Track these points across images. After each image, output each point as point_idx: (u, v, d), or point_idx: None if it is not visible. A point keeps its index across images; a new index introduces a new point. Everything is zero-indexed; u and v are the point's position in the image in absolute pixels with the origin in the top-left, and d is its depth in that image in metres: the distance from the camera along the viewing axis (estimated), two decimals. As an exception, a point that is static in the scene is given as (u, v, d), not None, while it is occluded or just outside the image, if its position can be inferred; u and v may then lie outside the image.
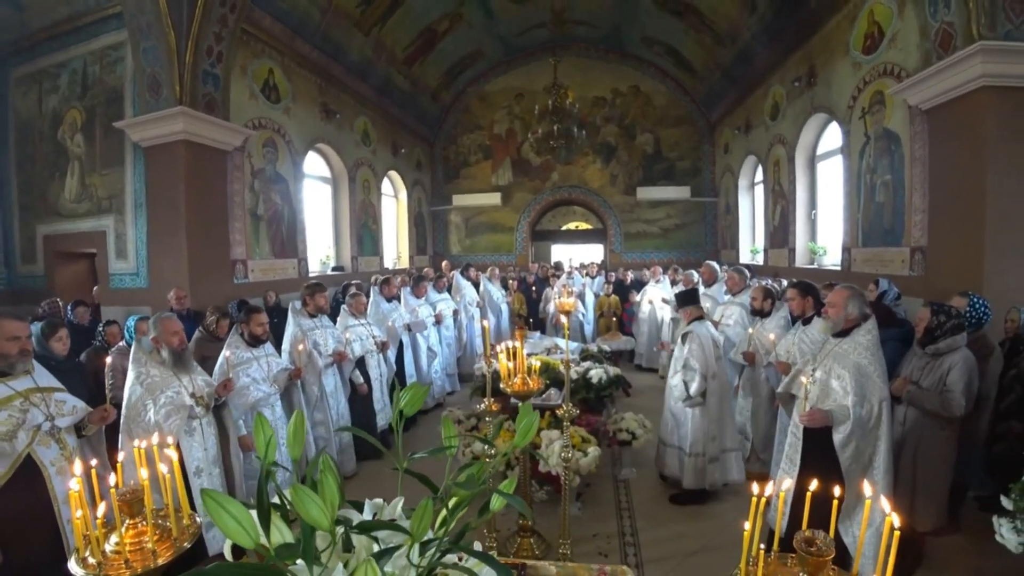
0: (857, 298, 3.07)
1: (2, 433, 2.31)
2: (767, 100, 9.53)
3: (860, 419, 2.82)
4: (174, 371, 3.28)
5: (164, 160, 6.32)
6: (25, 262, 8.00)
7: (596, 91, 13.31)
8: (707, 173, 13.22)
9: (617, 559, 3.71)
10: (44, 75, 7.48)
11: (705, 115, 12.99)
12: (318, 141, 9.15)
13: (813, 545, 1.32)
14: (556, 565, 1.97)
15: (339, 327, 5.44)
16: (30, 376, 2.52)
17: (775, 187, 9.43)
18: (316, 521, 0.85)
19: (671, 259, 12.66)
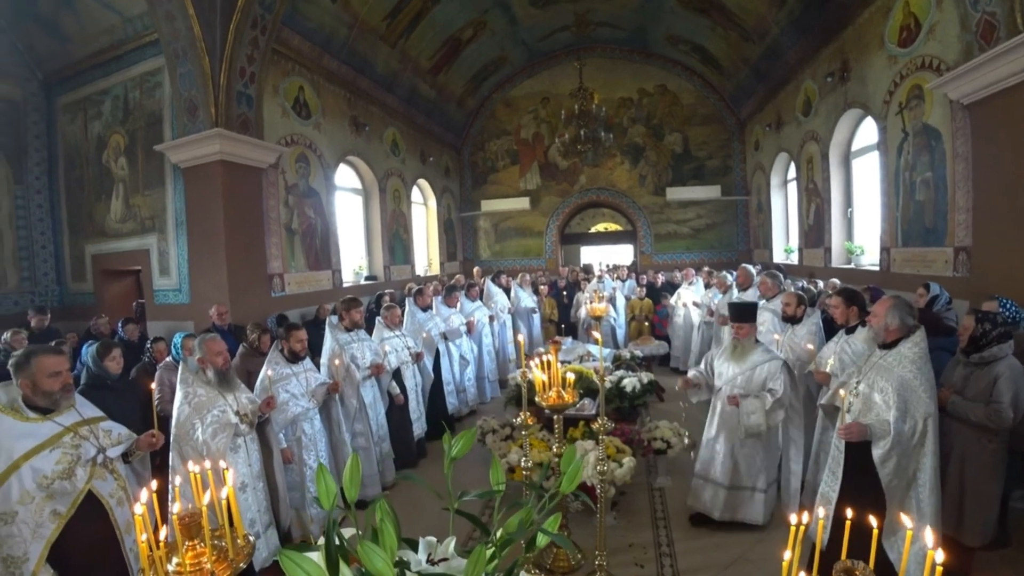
0: (899, 309, 2.94)
1: (60, 472, 2.32)
2: (798, 96, 9.27)
3: (901, 435, 2.73)
4: (219, 390, 3.37)
5: (202, 180, 6.56)
6: (75, 280, 8.43)
7: (622, 92, 13.20)
8: (737, 171, 12.95)
9: (653, 570, 3.68)
10: (88, 102, 7.87)
11: (734, 112, 12.74)
12: (348, 154, 9.34)
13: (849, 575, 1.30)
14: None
15: (375, 339, 5.53)
16: (74, 409, 2.50)
17: (809, 185, 9.17)
18: (381, 572, 0.89)
19: (703, 259, 12.47)
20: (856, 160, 8.11)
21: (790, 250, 10.51)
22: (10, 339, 5.30)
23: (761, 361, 3.79)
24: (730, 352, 3.94)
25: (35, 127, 8.24)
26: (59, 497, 2.32)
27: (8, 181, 7.90)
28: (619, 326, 9.84)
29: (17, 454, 2.26)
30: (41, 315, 6.59)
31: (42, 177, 8.33)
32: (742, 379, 3.79)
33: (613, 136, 11.41)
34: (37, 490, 2.27)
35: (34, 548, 2.24)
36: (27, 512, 2.24)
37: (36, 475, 2.27)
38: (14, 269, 8.00)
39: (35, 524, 2.25)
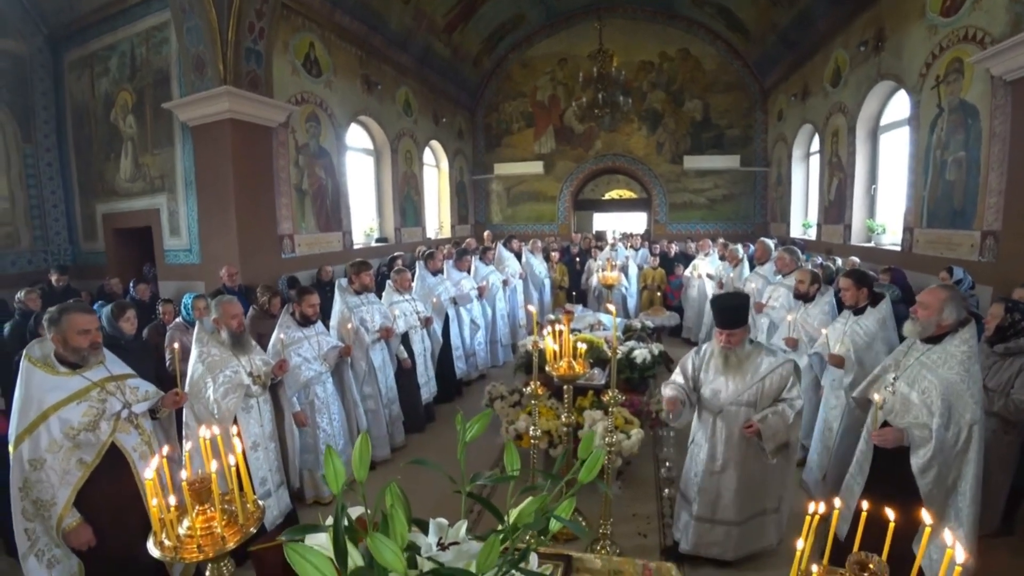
0: (956, 301, 2.63)
1: (86, 424, 2.41)
2: (828, 65, 8.86)
3: (944, 443, 2.47)
4: (233, 351, 3.40)
5: (211, 139, 6.46)
6: (87, 239, 8.46)
7: (643, 55, 12.71)
8: (758, 142, 12.54)
9: (656, 540, 3.72)
10: (95, 58, 7.69)
11: (758, 80, 12.25)
12: (360, 113, 9.16)
13: (866, 570, 1.26)
14: (602, 558, 1.99)
15: (384, 303, 5.52)
16: (103, 365, 2.59)
17: (832, 159, 8.88)
18: (392, 566, 0.86)
19: (717, 231, 12.26)
20: (884, 135, 7.82)
21: (808, 225, 10.28)
22: (24, 298, 5.34)
23: (769, 368, 3.02)
24: (722, 364, 3.11)
25: (42, 84, 8.11)
26: (84, 447, 2.42)
27: (17, 139, 7.83)
28: (631, 295, 9.77)
29: (47, 405, 2.36)
30: (61, 274, 6.63)
31: (51, 135, 8.25)
32: (750, 394, 3.02)
33: (631, 101, 11.06)
34: (64, 439, 2.37)
35: (61, 493, 2.35)
36: (55, 460, 2.35)
37: (63, 425, 2.37)
38: (27, 228, 8.02)
39: (62, 471, 2.36)
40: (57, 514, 2.33)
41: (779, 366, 3.03)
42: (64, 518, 2.34)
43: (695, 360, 3.28)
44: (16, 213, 7.86)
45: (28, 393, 2.37)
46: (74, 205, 8.43)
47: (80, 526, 2.37)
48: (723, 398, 3.08)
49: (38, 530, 2.35)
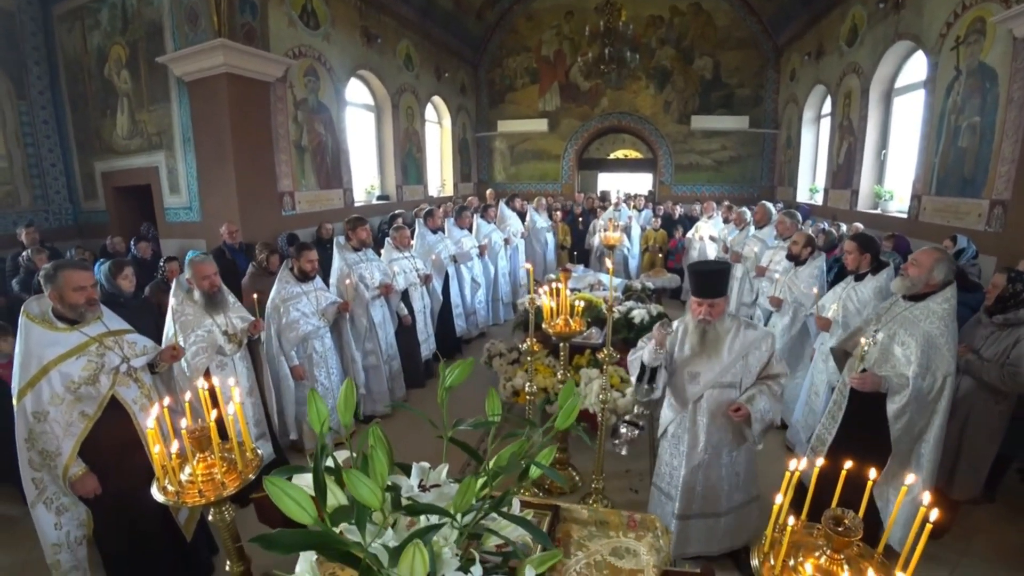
0: (946, 263, 2.78)
1: (85, 378, 2.47)
2: (845, 23, 8.49)
3: (919, 391, 2.64)
4: (207, 311, 3.40)
5: (207, 94, 6.32)
6: (87, 198, 8.38)
7: (652, 9, 12.18)
8: (769, 102, 12.15)
9: (646, 495, 3.82)
10: (85, 10, 7.40)
11: (772, 38, 11.75)
12: (360, 68, 8.92)
13: (841, 524, 1.30)
14: (588, 509, 2.04)
15: (384, 260, 5.54)
16: (101, 321, 2.63)
17: (843, 122, 8.63)
18: (367, 501, 0.89)
19: (723, 193, 12.07)
20: (898, 99, 7.57)
21: (815, 190, 10.11)
22: (33, 255, 5.38)
23: (752, 341, 2.73)
24: (699, 342, 2.76)
25: (33, 39, 7.84)
26: (86, 400, 2.49)
27: (11, 96, 7.64)
28: (632, 256, 9.76)
29: (47, 360, 2.41)
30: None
31: (45, 92, 8.04)
32: (733, 374, 2.73)
33: (639, 57, 10.72)
34: (66, 393, 2.43)
35: (66, 444, 2.43)
36: (58, 412, 2.42)
37: (64, 379, 2.43)
38: (26, 187, 7.92)
39: (66, 423, 2.44)
40: (63, 464, 2.41)
41: (760, 339, 2.72)
42: (70, 468, 2.42)
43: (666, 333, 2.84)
44: (15, 172, 7.76)
45: (28, 349, 2.41)
46: (73, 163, 8.31)
47: (85, 475, 2.46)
48: (703, 380, 2.73)
49: (46, 479, 2.45)
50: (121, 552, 2.64)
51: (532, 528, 1.07)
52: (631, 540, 1.90)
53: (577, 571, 1.74)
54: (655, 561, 1.80)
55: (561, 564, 1.77)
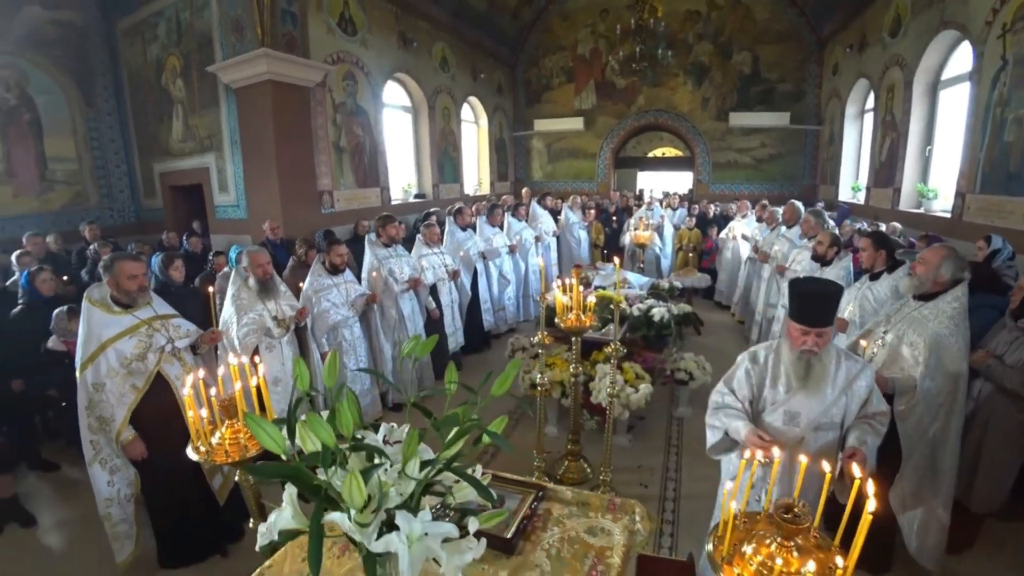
0: (954, 260, 2.72)
1: (136, 355, 2.81)
2: (888, 13, 8.16)
3: (927, 393, 2.59)
4: (260, 296, 3.79)
5: (252, 100, 6.76)
6: (147, 197, 9.12)
7: (689, 4, 11.99)
8: (811, 97, 11.73)
9: (657, 491, 3.91)
10: (144, 25, 8.06)
11: (814, 30, 11.36)
12: (396, 71, 9.26)
13: (789, 512, 1.40)
14: (572, 491, 2.19)
15: (414, 255, 5.79)
16: (150, 306, 2.95)
17: (886, 117, 8.30)
18: (324, 440, 1.09)
19: (762, 192, 11.77)
20: (944, 91, 7.24)
21: (857, 188, 9.74)
22: (99, 248, 5.94)
23: (854, 373, 2.28)
24: (800, 376, 2.28)
25: (99, 52, 8.59)
26: (136, 375, 2.83)
27: (80, 105, 8.41)
28: (665, 256, 9.72)
29: (104, 338, 2.77)
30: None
31: (110, 100, 8.80)
32: (837, 412, 2.30)
33: (674, 54, 10.61)
34: (119, 367, 2.78)
35: (119, 412, 2.79)
36: (113, 384, 2.78)
37: (119, 356, 2.78)
38: (94, 187, 8.71)
39: (119, 393, 2.79)
40: (116, 429, 2.76)
41: (860, 371, 2.29)
42: (121, 432, 2.77)
43: (752, 371, 2.40)
44: (84, 173, 8.54)
45: (89, 329, 2.77)
46: (134, 165, 9.04)
47: (135, 440, 2.81)
48: (805, 421, 2.28)
49: (101, 442, 2.81)
50: (163, 510, 2.99)
51: (479, 485, 1.24)
52: (607, 521, 2.03)
53: (550, 543, 1.89)
54: (626, 541, 1.92)
55: (536, 536, 1.93)
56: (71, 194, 8.37)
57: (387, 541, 1.10)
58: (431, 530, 1.15)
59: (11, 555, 3.37)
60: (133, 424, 2.81)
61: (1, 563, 3.29)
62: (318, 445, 1.18)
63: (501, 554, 1.81)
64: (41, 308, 4.24)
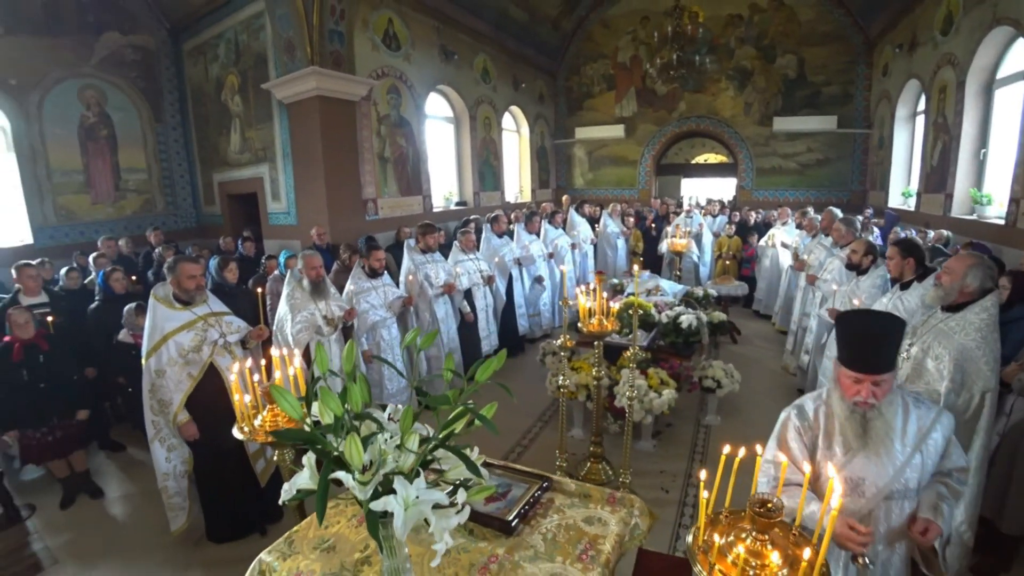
0: (981, 268, 2.59)
1: (192, 347, 3.16)
2: (939, 10, 7.87)
3: (953, 408, 2.45)
4: (312, 297, 4.13)
5: (303, 114, 7.20)
6: (207, 204, 9.83)
7: (730, 8, 11.85)
8: (859, 100, 11.33)
9: (677, 496, 3.95)
10: (207, 46, 8.75)
11: (862, 30, 11.00)
12: (439, 83, 9.61)
13: (763, 507, 1.49)
14: (576, 483, 2.33)
15: (450, 261, 6.04)
16: (207, 304, 3.30)
17: (938, 119, 7.96)
18: (334, 410, 1.30)
19: (808, 199, 11.48)
20: (999, 91, 6.91)
21: (908, 194, 9.35)
22: (163, 252, 6.49)
23: (927, 424, 1.86)
24: (858, 435, 1.84)
25: (167, 72, 9.39)
26: (192, 364, 3.17)
27: (151, 120, 9.22)
28: (703, 264, 9.62)
29: (167, 331, 3.14)
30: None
31: (176, 116, 9.59)
32: (911, 475, 1.84)
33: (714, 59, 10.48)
34: (178, 357, 3.13)
35: (176, 396, 3.14)
36: (172, 371, 3.13)
37: (178, 347, 3.14)
38: (161, 196, 9.51)
39: (176, 380, 3.14)
40: (173, 411, 3.11)
41: (935, 419, 1.86)
42: (178, 415, 3.12)
43: (801, 428, 1.97)
44: (152, 183, 9.34)
45: (154, 322, 3.14)
46: (196, 175, 9.79)
47: (189, 422, 3.15)
48: (871, 490, 1.85)
49: (161, 422, 3.16)
50: (211, 489, 3.33)
51: (468, 461, 1.41)
52: (606, 512, 2.14)
53: (547, 528, 2.03)
54: (620, 531, 2.04)
55: (536, 521, 2.08)
56: (141, 201, 9.14)
57: (385, 502, 1.30)
58: (424, 496, 1.33)
59: (82, 522, 3.80)
60: (188, 409, 3.15)
61: (73, 528, 3.72)
62: (330, 418, 1.39)
63: (501, 534, 1.97)
64: (114, 304, 4.73)
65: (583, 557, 1.85)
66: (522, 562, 1.80)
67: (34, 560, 3.36)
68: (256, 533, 3.43)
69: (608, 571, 1.83)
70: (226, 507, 3.32)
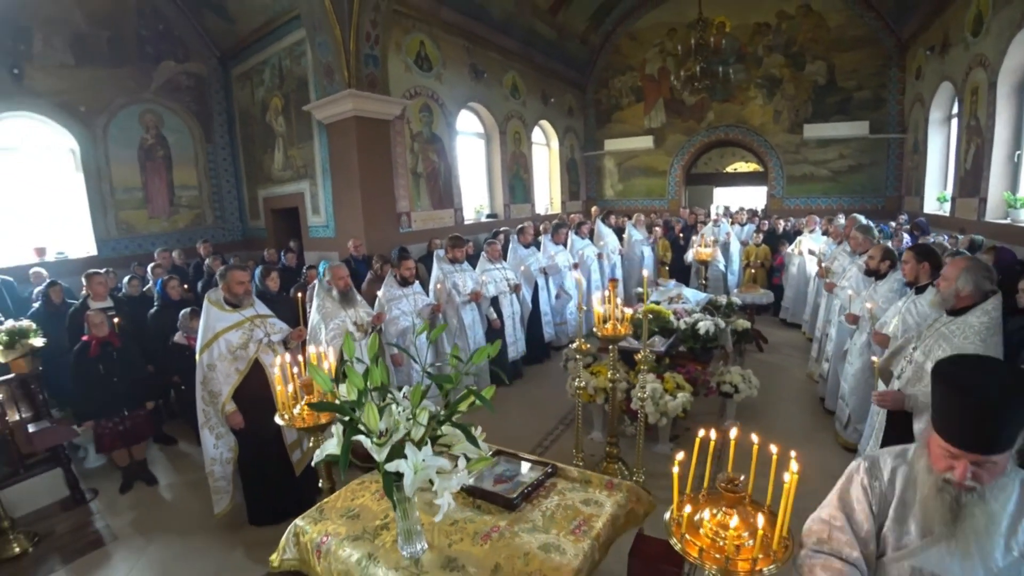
0: (974, 272, 2.63)
1: (240, 344, 3.53)
2: (969, 10, 7.76)
3: None
4: (342, 305, 4.44)
5: (341, 133, 7.66)
6: (252, 218, 10.50)
7: (758, 16, 11.85)
8: (893, 104, 11.13)
9: (689, 494, 4.07)
10: (253, 71, 9.42)
11: (894, 32, 10.82)
12: (469, 100, 10.00)
13: (730, 483, 1.69)
14: (578, 470, 2.53)
15: (477, 271, 6.33)
16: (253, 307, 3.67)
17: (970, 121, 7.82)
18: (356, 384, 1.58)
19: (841, 206, 11.32)
20: (1033, 90, 6.83)
21: (944, 199, 9.14)
22: (211, 263, 7.02)
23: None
24: (945, 521, 1.38)
25: (217, 95, 10.13)
26: (239, 360, 3.53)
27: (202, 141, 9.98)
28: (731, 272, 9.62)
29: (218, 330, 3.51)
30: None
31: (225, 136, 10.31)
32: None
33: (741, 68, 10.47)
34: (227, 353, 3.49)
35: (224, 388, 3.49)
36: (222, 365, 3.49)
37: (227, 344, 3.50)
38: (211, 210, 10.24)
39: (225, 374, 3.49)
40: (221, 402, 3.46)
41: None
42: (225, 405, 3.47)
43: (870, 488, 1.57)
44: (203, 199, 10.08)
45: (207, 322, 3.52)
46: (243, 191, 10.48)
47: (235, 413, 3.50)
48: None
49: (211, 412, 3.52)
50: (252, 476, 3.67)
51: (468, 433, 1.66)
52: (603, 496, 2.35)
53: (547, 507, 2.25)
54: (613, 512, 2.24)
55: (537, 501, 2.30)
56: (192, 216, 9.85)
57: (398, 464, 1.56)
58: (429, 461, 1.59)
59: (137, 505, 4.27)
60: (234, 401, 3.51)
61: (130, 510, 4.18)
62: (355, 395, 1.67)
63: (505, 510, 2.20)
64: (170, 309, 5.23)
65: (576, 531, 2.06)
66: (520, 532, 2.03)
67: (96, 536, 3.81)
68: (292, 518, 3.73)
69: (598, 544, 2.03)
70: (265, 493, 3.65)
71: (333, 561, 1.95)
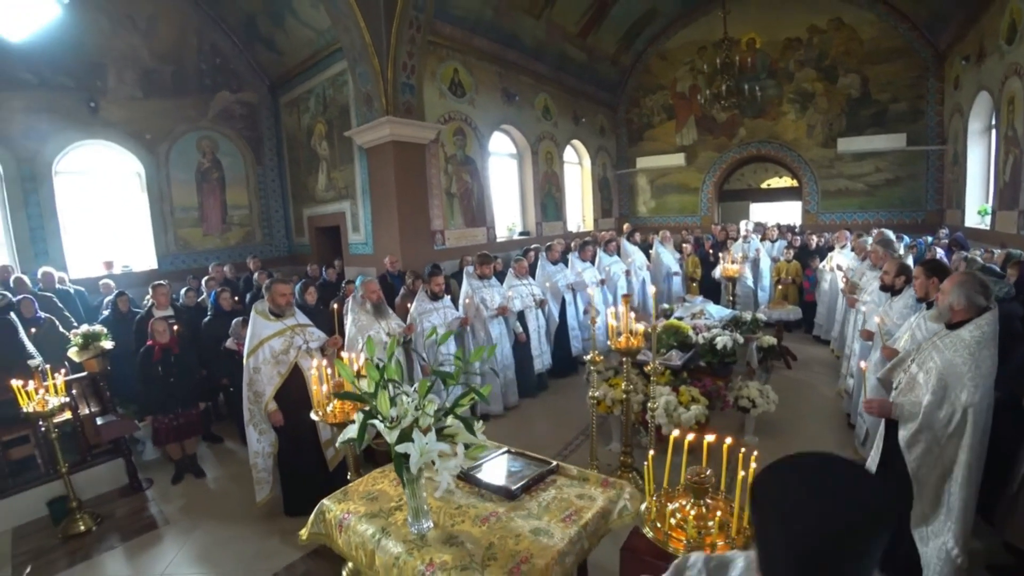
0: (967, 287, 2.67)
1: (281, 350, 3.91)
2: (1003, 19, 7.60)
3: (931, 421, 2.56)
4: (375, 317, 4.79)
5: (379, 157, 8.17)
6: (297, 235, 11.20)
7: (789, 31, 11.83)
8: (931, 116, 10.87)
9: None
10: (299, 99, 10.16)
11: (930, 43, 10.60)
12: (501, 123, 10.42)
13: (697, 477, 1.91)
14: (577, 468, 2.75)
15: (504, 286, 6.61)
16: (294, 317, 4.05)
17: (1008, 132, 7.62)
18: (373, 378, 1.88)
19: (879, 220, 11.07)
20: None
21: (985, 211, 8.88)
22: (258, 278, 7.59)
23: None
24: None
25: (267, 122, 10.94)
26: (281, 364, 3.91)
27: (253, 164, 10.79)
28: (762, 288, 9.57)
29: (263, 337, 3.91)
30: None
31: (273, 159, 11.09)
32: None
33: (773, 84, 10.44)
34: (270, 358, 3.88)
35: (268, 389, 3.88)
36: (265, 369, 3.87)
37: (271, 350, 3.89)
38: (259, 229, 11.02)
39: (268, 376, 3.88)
40: (264, 401, 3.85)
41: None
42: (268, 404, 3.86)
43: None
44: (253, 218, 10.86)
45: (254, 330, 3.93)
46: (289, 210, 11.22)
47: (276, 411, 3.87)
48: None
49: (255, 410, 3.92)
50: (291, 470, 4.05)
51: (467, 423, 1.94)
52: (597, 492, 2.56)
53: (544, 499, 2.48)
54: (604, 505, 2.45)
55: (536, 493, 2.54)
56: (243, 233, 10.60)
57: (406, 446, 1.85)
58: (432, 446, 1.88)
59: (187, 494, 4.74)
60: (276, 401, 3.88)
61: (181, 499, 4.67)
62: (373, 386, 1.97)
63: (505, 500, 2.46)
64: (222, 318, 5.75)
65: (566, 519, 2.29)
66: (516, 518, 2.28)
67: (151, 520, 4.29)
68: (325, 511, 4.10)
69: (586, 532, 2.25)
70: (300, 486, 4.00)
71: (352, 535, 2.26)
